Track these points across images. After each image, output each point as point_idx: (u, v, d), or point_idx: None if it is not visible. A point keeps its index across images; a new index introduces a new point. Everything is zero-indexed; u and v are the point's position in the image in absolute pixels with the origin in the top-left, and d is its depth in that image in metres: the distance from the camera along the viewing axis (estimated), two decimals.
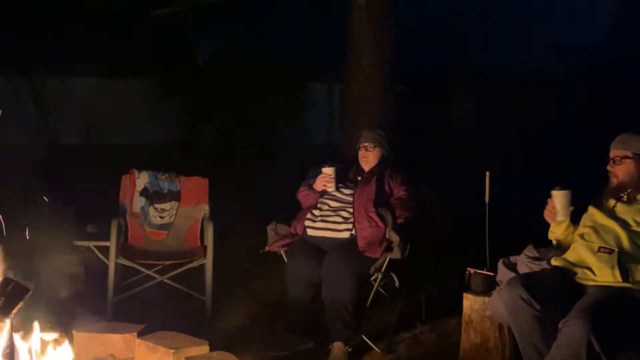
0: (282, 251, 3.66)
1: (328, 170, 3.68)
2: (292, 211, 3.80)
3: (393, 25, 5.94)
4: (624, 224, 2.75)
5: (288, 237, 3.68)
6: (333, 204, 3.69)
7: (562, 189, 2.86)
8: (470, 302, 3.15)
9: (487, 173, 3.29)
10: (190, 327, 3.21)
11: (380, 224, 3.49)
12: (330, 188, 3.69)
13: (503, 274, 3.00)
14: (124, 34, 9.33)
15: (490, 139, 9.98)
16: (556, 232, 2.98)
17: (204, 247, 3.97)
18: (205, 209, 4.24)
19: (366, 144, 3.77)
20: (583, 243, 2.81)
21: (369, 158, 3.76)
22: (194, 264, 3.92)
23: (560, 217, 2.88)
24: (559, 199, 2.86)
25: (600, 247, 2.73)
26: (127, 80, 10.47)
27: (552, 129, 10.76)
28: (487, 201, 3.29)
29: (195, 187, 4.31)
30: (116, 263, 3.89)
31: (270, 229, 3.78)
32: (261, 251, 3.78)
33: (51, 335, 2.75)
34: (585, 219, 2.90)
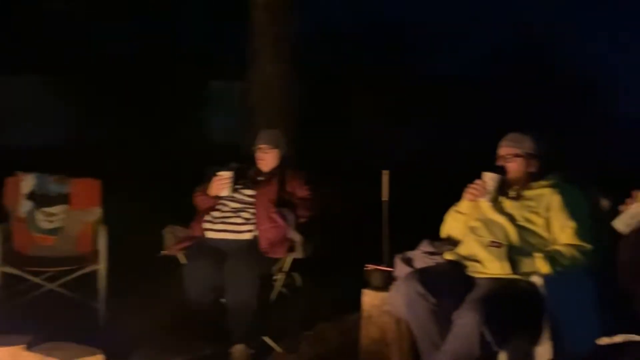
0: (180, 254, 3.57)
1: (224, 174, 3.59)
2: (191, 213, 3.71)
3: (294, 24, 5.97)
4: (511, 219, 2.89)
5: (187, 240, 3.59)
6: (233, 204, 3.64)
7: (494, 172, 2.95)
8: (369, 298, 3.20)
9: (385, 172, 3.37)
10: (84, 336, 3.06)
11: (283, 224, 3.48)
12: (224, 192, 3.61)
13: (400, 269, 3.07)
14: (13, 29, 8.81)
15: (390, 138, 10.27)
16: (469, 212, 3.04)
17: (97, 252, 3.81)
18: (97, 212, 4.07)
19: (262, 146, 3.74)
20: (474, 237, 2.93)
21: (266, 160, 3.72)
22: (86, 270, 3.76)
23: (489, 197, 2.96)
24: (493, 181, 2.95)
25: (490, 242, 2.86)
26: (14, 78, 9.87)
27: (443, 128, 11.22)
28: (385, 199, 3.36)
29: (87, 189, 4.13)
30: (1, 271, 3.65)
31: (167, 232, 3.68)
32: (159, 255, 3.67)
33: None
34: (474, 212, 3.03)
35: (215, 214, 3.62)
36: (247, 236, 3.52)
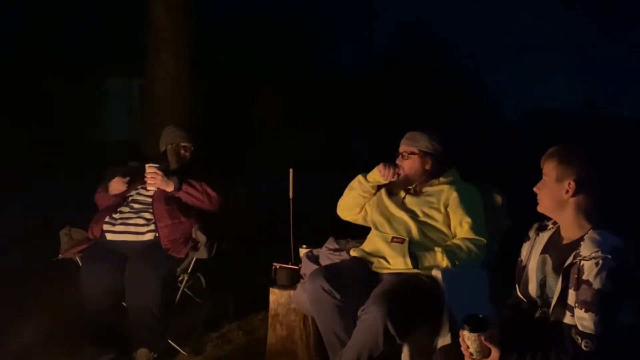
0: (77, 257, 3.41)
1: (153, 165, 3.44)
2: (88, 214, 3.55)
3: (195, 20, 5.86)
4: (413, 215, 2.99)
5: (84, 242, 3.44)
6: (136, 205, 3.52)
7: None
8: (276, 297, 3.20)
9: (291, 170, 3.37)
10: None
11: (184, 219, 3.41)
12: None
13: (306, 266, 3.10)
14: None
15: (294, 137, 10.33)
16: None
17: None
18: None
19: (185, 145, 3.66)
20: (378, 234, 3.01)
21: (186, 158, 3.66)
22: None
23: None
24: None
25: (393, 237, 2.94)
26: None
27: (350, 126, 11.45)
28: (291, 197, 3.37)
29: None
30: None
31: (63, 235, 3.50)
32: (54, 259, 3.48)
33: None
34: (378, 204, 3.11)
35: (116, 215, 3.49)
36: (149, 237, 3.41)
